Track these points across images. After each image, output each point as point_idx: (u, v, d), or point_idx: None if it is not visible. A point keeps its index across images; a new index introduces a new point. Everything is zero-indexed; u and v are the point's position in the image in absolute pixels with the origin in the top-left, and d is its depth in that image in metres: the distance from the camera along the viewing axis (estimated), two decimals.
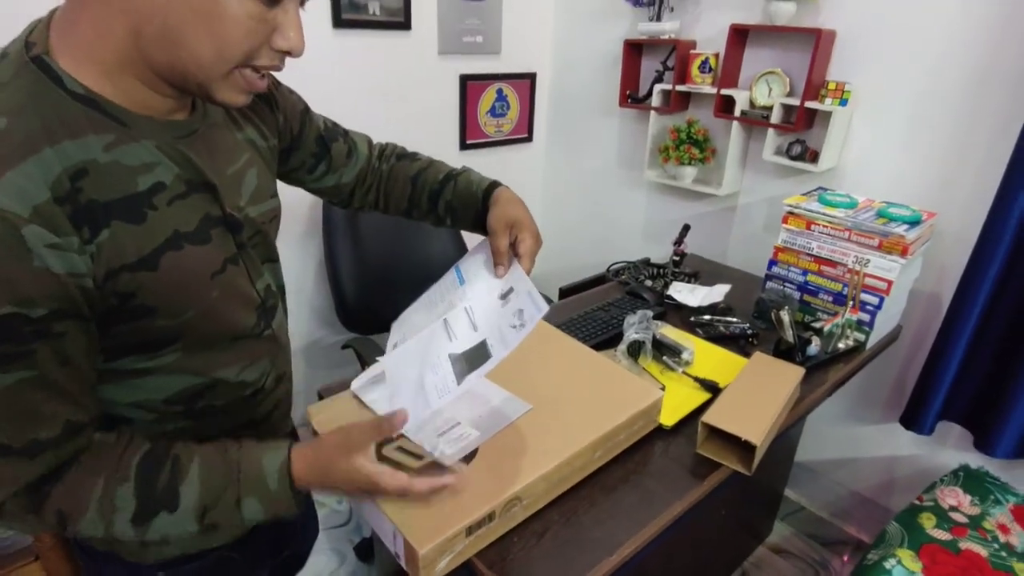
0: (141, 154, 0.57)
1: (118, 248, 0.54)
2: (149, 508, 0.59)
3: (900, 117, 1.51)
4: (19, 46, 0.53)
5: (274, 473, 0.64)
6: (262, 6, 0.53)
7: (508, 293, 0.81)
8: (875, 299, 1.34)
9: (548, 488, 0.89)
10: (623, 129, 2.12)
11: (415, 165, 0.96)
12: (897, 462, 1.70)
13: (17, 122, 0.49)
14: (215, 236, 0.64)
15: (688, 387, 1.17)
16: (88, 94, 0.53)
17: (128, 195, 0.55)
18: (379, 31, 1.78)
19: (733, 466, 1.01)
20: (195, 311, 0.62)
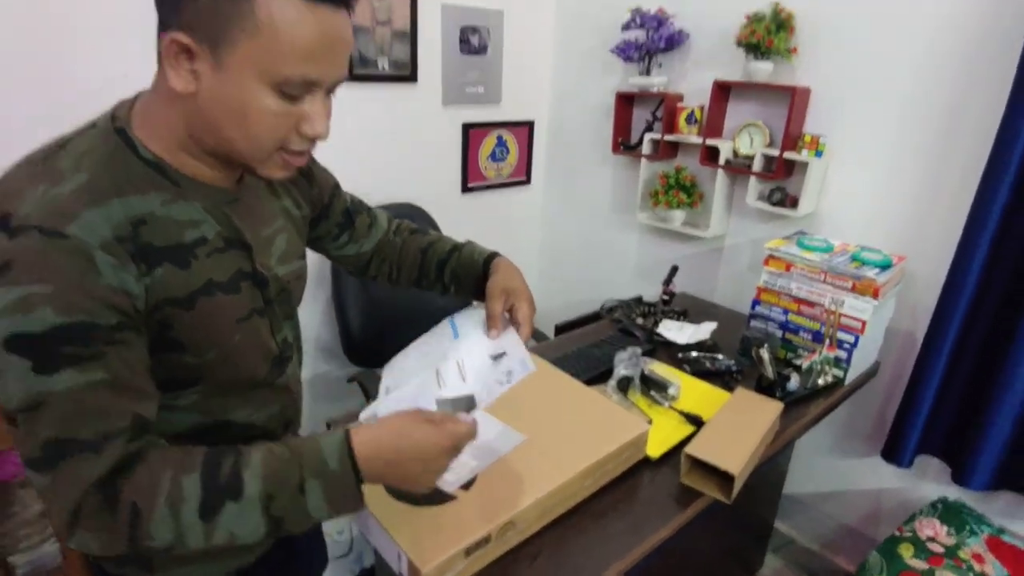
0: (190, 212, 0.67)
1: (165, 285, 0.64)
2: (215, 497, 0.59)
3: (872, 166, 1.62)
4: (107, 119, 0.65)
5: (334, 452, 0.63)
6: (286, 103, 0.62)
7: (501, 356, 0.87)
8: (851, 337, 1.43)
9: (541, 514, 0.97)
10: (616, 174, 2.24)
11: (425, 239, 1.06)
12: (882, 494, 1.76)
13: (96, 177, 0.60)
14: (244, 288, 0.73)
15: (674, 420, 1.25)
16: (155, 160, 0.64)
17: (176, 244, 0.65)
18: (388, 84, 1.91)
19: (714, 495, 1.08)
20: (217, 352, 0.70)
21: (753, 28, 1.64)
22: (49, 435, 0.56)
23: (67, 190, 0.57)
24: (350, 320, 1.78)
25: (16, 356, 0.55)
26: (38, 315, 0.54)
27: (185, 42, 0.58)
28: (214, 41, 0.58)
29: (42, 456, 0.56)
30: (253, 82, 0.59)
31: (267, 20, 0.57)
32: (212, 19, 0.57)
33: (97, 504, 0.57)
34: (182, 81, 0.60)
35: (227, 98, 0.60)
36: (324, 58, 0.61)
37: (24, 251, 0.54)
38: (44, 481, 0.56)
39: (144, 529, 0.58)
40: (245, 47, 0.57)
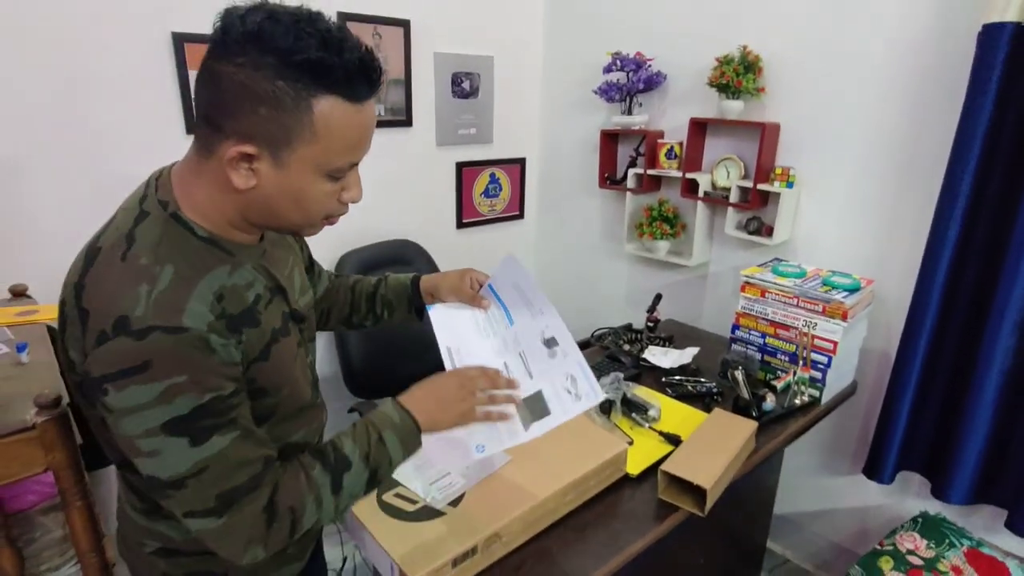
0: (246, 275, 0.76)
1: (250, 347, 0.73)
2: (336, 475, 0.76)
3: (840, 195, 1.71)
4: (156, 206, 0.71)
5: (392, 411, 0.83)
6: (333, 183, 0.72)
7: (552, 343, 0.96)
8: (824, 358, 1.50)
9: (525, 527, 1.04)
10: (604, 207, 2.35)
11: (351, 279, 1.18)
12: (867, 512, 1.81)
13: (179, 266, 0.68)
14: (291, 328, 0.84)
15: (654, 440, 1.32)
16: (210, 236, 0.72)
17: (247, 308, 0.74)
18: (385, 129, 2.04)
19: (689, 508, 1.15)
20: (287, 388, 0.81)
21: (723, 70, 1.75)
22: (220, 488, 0.68)
23: (166, 285, 0.65)
24: (351, 351, 1.87)
25: (174, 437, 0.65)
26: (181, 402, 0.64)
27: (250, 152, 0.65)
28: (275, 146, 0.65)
29: (216, 506, 0.68)
30: (310, 175, 0.69)
31: (324, 129, 0.65)
32: (275, 130, 0.64)
33: (265, 522, 0.71)
34: (243, 180, 0.67)
35: (287, 190, 0.69)
36: (364, 143, 0.72)
37: (156, 350, 0.62)
38: (218, 523, 0.69)
39: (300, 523, 0.74)
40: (304, 150, 0.66)
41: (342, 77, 0.64)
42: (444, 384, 0.88)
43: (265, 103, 0.63)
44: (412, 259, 2.06)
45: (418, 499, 1.05)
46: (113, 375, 0.62)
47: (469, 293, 1.06)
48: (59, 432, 0.96)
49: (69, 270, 0.71)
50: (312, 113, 0.64)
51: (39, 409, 0.95)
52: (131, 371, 0.62)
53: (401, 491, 1.07)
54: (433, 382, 0.89)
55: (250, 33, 0.62)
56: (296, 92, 0.63)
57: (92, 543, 1.04)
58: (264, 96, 0.63)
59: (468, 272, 1.08)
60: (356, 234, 2.04)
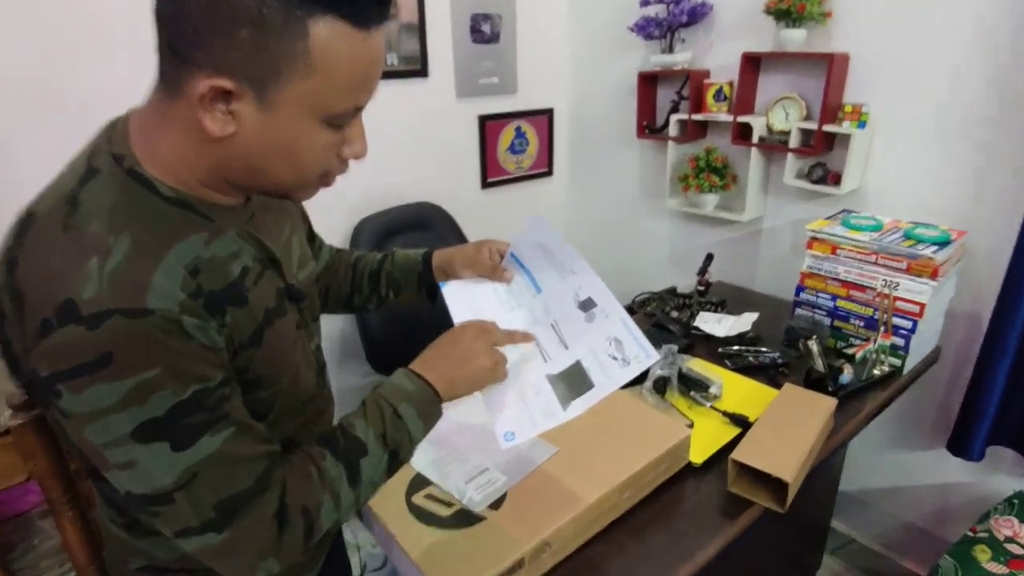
0: (229, 244, 0.62)
1: (236, 330, 0.60)
2: (352, 464, 0.65)
3: (922, 135, 1.49)
4: (108, 160, 0.57)
5: (404, 380, 0.71)
6: (333, 133, 0.58)
7: (588, 304, 0.81)
8: (908, 323, 1.31)
9: (577, 532, 0.89)
10: (642, 159, 2.14)
11: (353, 254, 1.03)
12: (949, 490, 1.63)
13: (141, 234, 0.54)
14: (288, 307, 0.70)
15: (717, 422, 1.16)
16: (179, 196, 0.58)
17: (230, 283, 0.61)
18: (398, 80, 1.85)
19: (766, 504, 0.99)
20: (286, 378, 0.68)
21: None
22: (218, 497, 0.56)
23: (122, 258, 0.52)
24: (371, 325, 1.73)
25: (152, 444, 0.53)
26: (157, 400, 0.52)
27: (227, 87, 0.51)
28: (260, 82, 0.52)
29: (215, 518, 0.56)
30: (304, 120, 0.55)
31: (322, 60, 0.52)
32: (258, 61, 0.51)
33: (276, 531, 0.59)
34: (219, 125, 0.54)
35: (276, 138, 0.56)
36: (372, 81, 0.59)
37: (117, 339, 0.50)
38: (220, 539, 0.57)
39: (317, 526, 0.62)
40: (297, 87, 0.53)
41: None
42: (457, 338, 0.76)
43: (247, 24, 0.49)
44: (434, 223, 1.90)
45: (453, 501, 0.91)
46: (66, 373, 0.50)
47: (487, 264, 0.91)
48: (38, 436, 0.83)
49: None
50: (308, 39, 0.51)
51: (13, 411, 0.82)
52: (88, 367, 0.49)
53: (433, 491, 0.93)
54: (444, 340, 0.77)
55: None
56: (288, 11, 0.49)
57: (89, 555, 0.92)
58: (246, 15, 0.49)
59: (485, 243, 0.93)
60: (372, 199, 1.88)
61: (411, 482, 0.96)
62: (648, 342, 0.74)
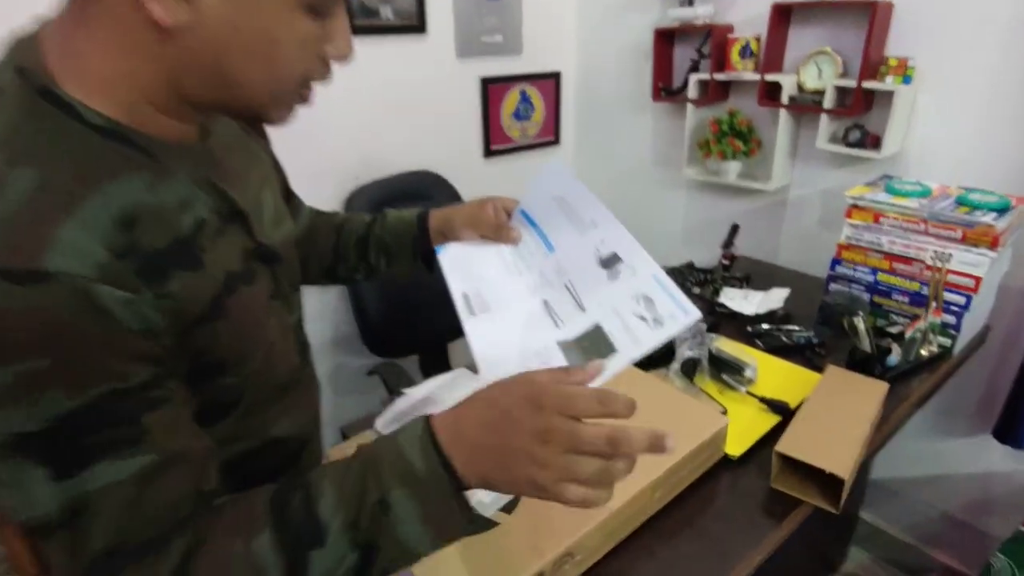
0: (179, 190, 0.50)
1: (185, 301, 0.47)
2: (295, 554, 0.45)
3: (973, 92, 1.34)
4: (12, 77, 0.44)
5: (414, 450, 0.45)
6: (316, 22, 0.47)
7: (613, 261, 0.68)
8: (961, 298, 1.18)
9: (603, 540, 0.77)
10: (657, 125, 1.99)
11: (338, 216, 0.90)
12: (993, 479, 1.51)
13: (50, 172, 0.41)
14: (257, 272, 0.57)
15: (753, 408, 1.04)
16: (111, 125, 0.45)
17: (177, 239, 0.48)
18: (394, 36, 1.69)
19: (816, 502, 0.87)
20: (258, 360, 0.56)
21: None
22: (99, 546, 0.42)
23: (18, 201, 0.39)
24: (367, 305, 1.59)
25: (25, 461, 0.40)
26: (42, 404, 0.39)
27: None
28: None
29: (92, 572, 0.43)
30: (279, 4, 0.44)
31: None
32: None
33: None
34: (170, 10, 0.41)
35: (245, 27, 0.44)
36: None
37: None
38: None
39: None
40: None
41: None
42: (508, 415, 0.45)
43: None
44: (433, 194, 1.75)
45: None
46: None
47: (491, 222, 0.77)
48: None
49: None
50: None
51: None
52: None
53: None
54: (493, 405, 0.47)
55: None
56: None
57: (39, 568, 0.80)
58: None
59: (489, 200, 0.79)
60: (366, 167, 1.73)
61: None
62: (685, 298, 0.60)
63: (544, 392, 0.44)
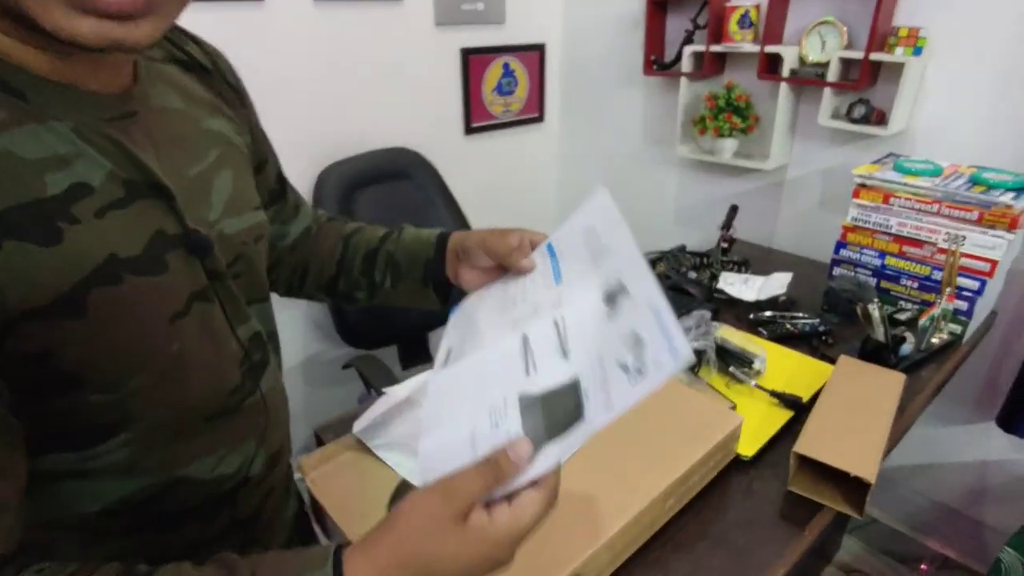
0: (50, 141, 0.39)
1: (21, 283, 0.37)
2: None
3: (986, 66, 1.28)
4: None
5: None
6: None
7: (618, 293, 0.54)
8: (975, 283, 1.13)
9: (613, 557, 0.69)
10: (648, 100, 1.89)
11: (349, 225, 0.78)
12: (990, 468, 1.48)
13: None
14: (173, 262, 0.46)
15: (763, 403, 0.96)
16: None
17: (30, 201, 0.38)
18: (366, 3, 1.56)
19: (838, 507, 0.80)
20: (146, 376, 0.44)
21: None
22: None
23: None
24: None
25: None
26: None
27: None
28: None
29: None
30: None
31: None
32: None
33: None
34: None
35: None
36: None
37: None
38: None
39: None
40: None
41: None
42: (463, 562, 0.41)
43: None
44: (412, 172, 1.64)
45: None
46: None
47: (507, 246, 0.63)
48: None
49: None
50: None
51: None
52: None
53: None
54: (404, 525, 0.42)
55: None
56: None
57: None
58: None
59: (518, 230, 0.64)
60: (338, 144, 1.61)
61: (395, 492, 0.75)
62: (684, 338, 0.45)
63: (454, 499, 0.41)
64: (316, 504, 0.75)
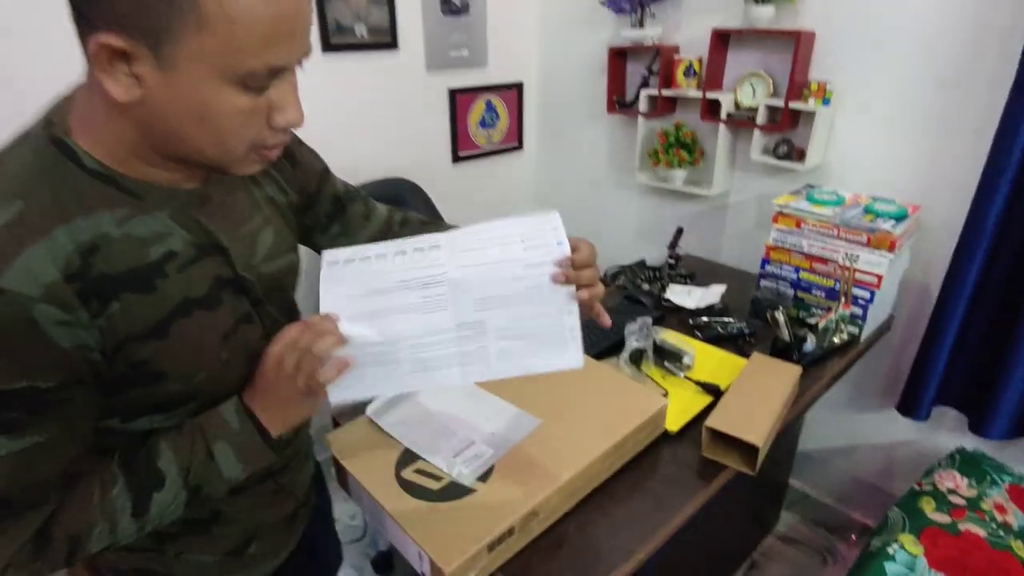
0: (154, 225, 0.58)
1: (125, 320, 0.56)
2: (142, 496, 0.61)
3: (881, 113, 1.55)
4: (41, 126, 0.55)
5: (232, 414, 0.65)
6: (252, 97, 0.53)
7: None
8: (866, 293, 1.38)
9: (562, 500, 0.93)
10: (612, 134, 2.16)
11: (440, 225, 0.94)
12: (896, 448, 1.75)
13: (31, 204, 0.51)
14: (226, 298, 0.65)
15: (690, 391, 1.21)
16: (103, 170, 0.55)
17: (138, 266, 0.57)
18: (367, 52, 1.81)
19: (738, 467, 1.05)
20: (205, 374, 0.64)
21: None
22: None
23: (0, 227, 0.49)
24: None
25: None
26: None
27: (117, 45, 0.47)
28: (153, 38, 0.48)
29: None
30: (211, 80, 0.50)
31: (216, 9, 0.47)
32: (144, 11, 0.46)
33: (31, 550, 0.56)
34: (122, 89, 0.50)
35: (183, 102, 0.51)
36: (287, 38, 0.52)
37: None
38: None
39: (82, 550, 0.60)
40: (194, 42, 0.48)
41: None
42: (263, 369, 0.66)
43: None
44: (407, 199, 1.88)
45: (443, 475, 0.93)
46: None
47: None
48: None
49: None
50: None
51: None
52: None
53: (423, 466, 0.95)
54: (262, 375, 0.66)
55: None
56: None
57: None
58: None
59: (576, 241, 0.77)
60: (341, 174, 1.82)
61: (400, 457, 0.97)
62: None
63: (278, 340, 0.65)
64: (339, 466, 0.99)
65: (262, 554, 0.82)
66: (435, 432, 1.01)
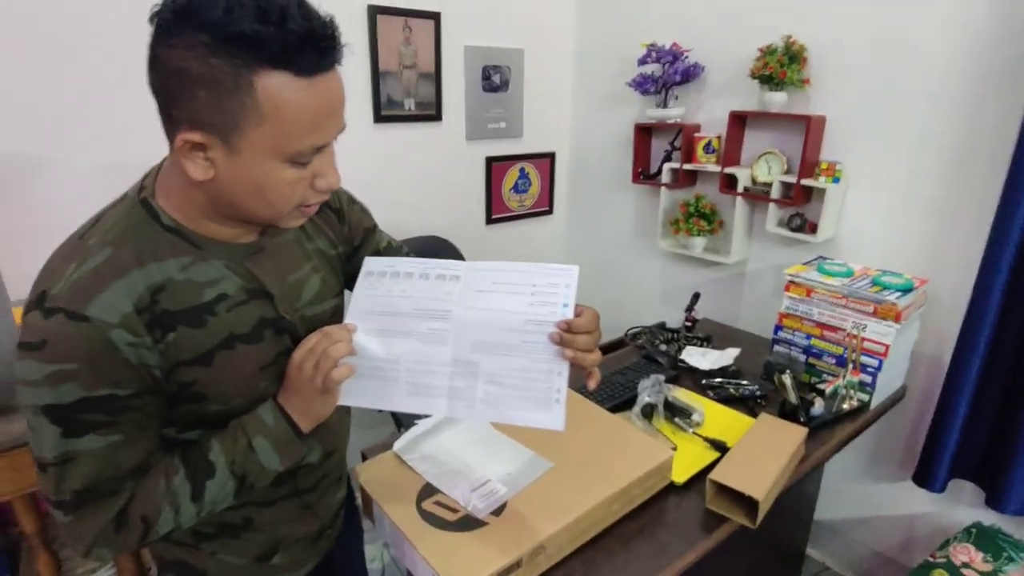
0: (211, 271, 0.71)
1: (179, 348, 0.68)
2: (198, 482, 0.71)
3: (890, 191, 1.64)
4: (135, 189, 0.70)
5: (267, 412, 0.75)
6: (299, 170, 0.66)
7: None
8: (875, 361, 1.44)
9: (570, 539, 1.00)
10: (637, 203, 2.29)
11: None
12: (915, 520, 1.74)
13: (118, 251, 0.65)
14: (267, 335, 0.76)
15: (698, 446, 1.27)
16: (176, 226, 0.69)
17: (194, 305, 0.69)
18: (414, 123, 2.00)
19: (739, 520, 1.10)
20: (243, 399, 0.75)
21: (766, 61, 1.69)
22: (76, 486, 0.65)
23: (91, 267, 0.63)
24: None
25: (48, 422, 0.63)
26: (66, 389, 0.61)
27: (198, 140, 0.60)
28: (223, 132, 0.60)
29: (70, 501, 0.66)
30: (268, 161, 0.63)
31: (271, 108, 0.59)
32: (218, 114, 0.59)
33: (113, 529, 0.68)
34: (200, 171, 0.63)
35: (246, 178, 0.64)
36: (327, 122, 0.65)
37: (54, 332, 0.60)
38: (68, 518, 0.67)
39: (153, 530, 0.70)
40: (255, 133, 0.60)
41: (281, 49, 0.58)
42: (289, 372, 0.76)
43: (203, 85, 0.58)
44: (442, 255, 2.03)
45: (459, 508, 1.01)
46: (21, 344, 0.62)
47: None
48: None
49: None
50: (255, 91, 0.58)
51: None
52: (31, 345, 0.61)
53: (442, 499, 1.04)
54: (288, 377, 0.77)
55: (180, 10, 0.57)
56: (234, 69, 0.57)
57: None
58: (201, 77, 0.58)
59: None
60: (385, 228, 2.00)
61: (421, 490, 1.06)
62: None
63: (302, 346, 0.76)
64: (366, 496, 1.08)
65: (285, 565, 0.91)
66: (455, 469, 1.10)
